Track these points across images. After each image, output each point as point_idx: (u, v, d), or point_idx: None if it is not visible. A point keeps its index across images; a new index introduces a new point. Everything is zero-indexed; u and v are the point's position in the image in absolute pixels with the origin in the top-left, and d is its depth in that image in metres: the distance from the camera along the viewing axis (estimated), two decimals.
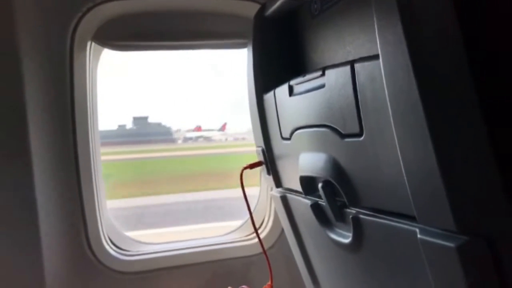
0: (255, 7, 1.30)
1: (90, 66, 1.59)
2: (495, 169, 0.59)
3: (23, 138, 1.41)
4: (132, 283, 1.65)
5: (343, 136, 0.84)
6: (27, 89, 1.40)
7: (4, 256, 1.43)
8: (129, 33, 1.59)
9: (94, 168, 1.60)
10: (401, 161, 0.68)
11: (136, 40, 1.61)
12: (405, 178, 0.68)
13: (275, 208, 1.72)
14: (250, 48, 1.25)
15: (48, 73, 1.47)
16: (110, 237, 1.69)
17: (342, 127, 0.84)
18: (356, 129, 0.79)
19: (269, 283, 1.12)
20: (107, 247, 1.64)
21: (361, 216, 0.88)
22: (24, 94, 1.39)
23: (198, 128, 7.31)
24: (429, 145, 0.60)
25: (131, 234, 1.81)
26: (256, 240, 1.73)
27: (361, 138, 0.78)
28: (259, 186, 1.89)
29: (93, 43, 1.58)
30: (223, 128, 7.32)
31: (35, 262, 1.46)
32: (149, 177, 7.26)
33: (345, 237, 0.97)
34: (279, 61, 1.22)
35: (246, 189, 1.28)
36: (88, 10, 1.46)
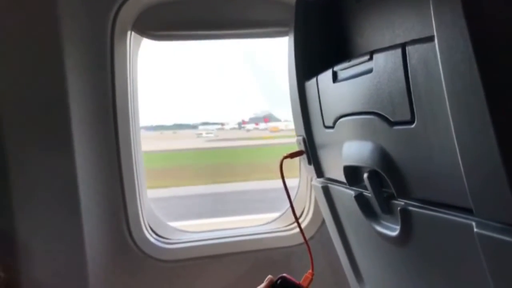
0: None
1: (131, 55, 1.59)
2: None
3: (65, 127, 1.43)
4: (172, 271, 1.66)
5: (392, 123, 0.80)
6: (69, 78, 1.42)
7: (47, 244, 1.47)
8: (167, 23, 1.58)
9: (135, 157, 1.61)
10: (457, 150, 0.63)
11: (174, 30, 1.60)
12: (461, 167, 0.64)
13: (315, 198, 1.69)
14: (292, 34, 1.22)
15: (90, 62, 1.49)
16: (151, 226, 1.70)
17: (391, 114, 0.80)
18: (407, 116, 0.75)
19: (310, 271, 1.10)
20: (147, 235, 1.65)
21: (411, 208, 0.83)
22: (66, 83, 1.41)
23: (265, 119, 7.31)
24: (490, 131, 0.56)
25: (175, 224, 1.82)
26: (297, 230, 1.71)
27: (413, 126, 0.74)
28: (298, 177, 1.86)
29: (133, 33, 1.58)
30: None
31: (77, 250, 1.49)
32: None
33: (392, 230, 0.93)
34: (321, 47, 1.19)
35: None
36: None
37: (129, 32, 1.56)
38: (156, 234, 1.70)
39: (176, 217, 2.60)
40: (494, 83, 0.56)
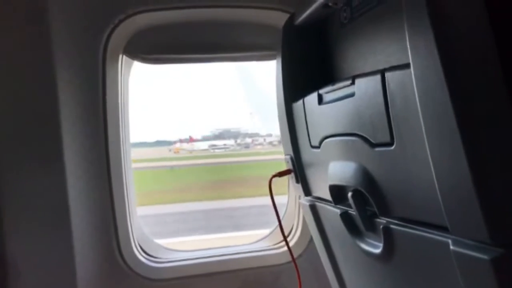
0: (284, 16, 1.31)
1: (122, 78, 1.62)
2: None
3: (57, 146, 1.45)
4: None
5: (373, 145, 0.84)
6: (61, 100, 1.44)
7: (37, 261, 1.47)
8: (158, 46, 1.62)
9: (125, 176, 1.63)
10: (433, 171, 0.67)
11: (165, 53, 1.64)
12: (437, 188, 0.67)
13: (303, 217, 1.71)
14: (279, 57, 1.26)
15: (82, 85, 1.52)
16: (141, 244, 1.71)
17: (372, 136, 0.83)
18: (386, 138, 0.78)
19: None
20: (137, 254, 1.66)
21: (392, 226, 0.87)
22: (58, 104, 1.44)
23: None
24: (462, 155, 0.60)
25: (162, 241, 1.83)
26: (285, 248, 1.72)
27: (392, 147, 0.78)
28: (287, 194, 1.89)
29: (124, 56, 1.62)
30: None
31: (67, 268, 1.50)
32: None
33: (375, 247, 0.95)
34: (308, 70, 1.23)
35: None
36: (120, 22, 1.50)
37: (120, 56, 1.60)
38: (146, 253, 1.71)
39: None
40: (466, 110, 0.60)
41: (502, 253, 0.61)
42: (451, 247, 0.69)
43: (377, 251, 0.94)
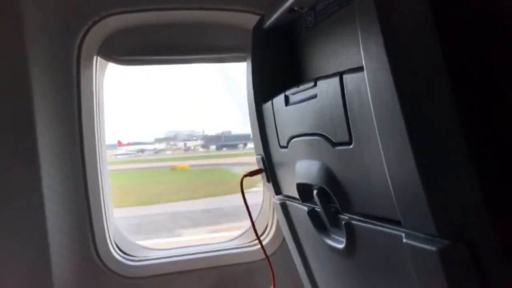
0: (255, 18, 1.34)
1: (97, 80, 1.64)
2: (474, 175, 0.61)
3: (31, 147, 1.45)
4: (138, 287, 1.69)
5: (334, 144, 0.87)
6: (36, 101, 1.45)
7: (12, 261, 1.47)
8: (132, 48, 1.64)
9: (101, 176, 1.64)
10: (385, 169, 0.70)
11: (139, 55, 1.66)
12: (390, 185, 0.71)
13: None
14: (249, 58, 1.29)
15: (56, 86, 1.53)
16: (117, 243, 1.72)
17: (333, 136, 0.87)
18: (345, 138, 0.82)
19: (272, 286, 1.15)
20: (113, 252, 1.68)
21: (353, 222, 0.90)
22: (32, 105, 1.44)
23: None
24: (409, 153, 0.63)
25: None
26: (260, 246, 1.76)
27: (351, 146, 0.81)
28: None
29: (98, 57, 1.63)
30: None
31: (43, 267, 1.50)
32: None
33: (339, 243, 0.99)
34: (277, 71, 1.26)
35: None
36: (94, 24, 1.51)
37: (95, 57, 1.61)
38: (122, 252, 1.72)
39: None
40: (413, 112, 0.63)
41: (448, 244, 0.64)
42: (404, 240, 0.72)
43: (341, 246, 0.98)
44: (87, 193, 1.61)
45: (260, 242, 1.27)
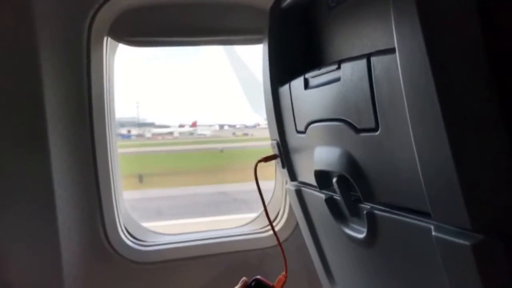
0: None
1: (107, 61, 1.60)
2: None
3: (41, 130, 1.43)
4: (148, 273, 1.67)
5: (358, 130, 0.83)
6: (45, 82, 1.42)
7: (22, 245, 1.46)
8: (143, 29, 1.60)
9: (111, 159, 1.62)
10: (416, 157, 0.66)
11: (150, 36, 1.62)
12: (420, 174, 0.67)
13: (290, 201, 1.72)
14: (266, 40, 1.24)
15: (66, 67, 1.49)
16: (127, 228, 1.71)
17: (357, 122, 0.83)
18: (371, 124, 0.78)
19: (284, 273, 1.12)
20: (123, 237, 1.66)
21: (376, 211, 0.87)
22: (42, 87, 1.41)
23: None
24: (444, 141, 0.59)
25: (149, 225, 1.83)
26: (271, 232, 1.73)
27: (377, 133, 0.77)
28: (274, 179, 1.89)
29: (109, 38, 1.59)
30: None
31: (53, 251, 1.49)
32: None
33: (359, 232, 0.96)
34: (294, 53, 1.21)
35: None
36: (104, 2, 1.47)
37: (105, 38, 1.57)
38: (132, 237, 1.71)
39: None
40: (449, 96, 0.59)
41: (482, 239, 0.61)
42: (433, 233, 0.69)
43: (361, 236, 0.95)
44: (97, 177, 1.59)
45: (273, 228, 1.24)
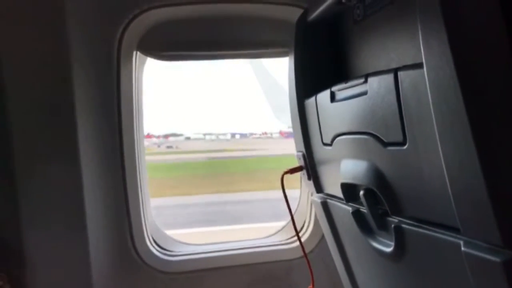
0: (298, 12, 1.30)
1: (136, 74, 1.64)
2: None
3: (72, 141, 1.46)
4: (174, 283, 1.69)
5: (385, 144, 0.83)
6: (77, 95, 1.45)
7: (53, 254, 1.49)
8: (171, 43, 1.63)
9: (139, 169, 1.65)
10: (445, 172, 0.66)
11: (178, 50, 1.64)
12: (449, 189, 0.67)
13: (315, 212, 1.71)
14: (292, 53, 1.26)
15: (97, 81, 1.53)
16: (154, 238, 1.73)
17: (385, 135, 0.83)
18: (399, 138, 0.78)
19: (311, 286, 1.12)
20: (150, 247, 1.68)
21: (404, 225, 0.86)
22: (74, 99, 1.45)
23: None
24: (474, 156, 0.59)
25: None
26: (297, 244, 1.73)
27: (405, 147, 0.77)
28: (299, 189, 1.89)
29: (138, 53, 1.63)
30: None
31: (82, 261, 1.52)
32: None
33: (386, 246, 0.95)
34: (320, 66, 1.22)
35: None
36: (134, 17, 1.50)
37: (134, 52, 1.61)
38: (159, 246, 1.73)
39: None
40: (479, 111, 0.59)
41: None
42: (463, 248, 0.68)
43: (388, 250, 0.94)
44: (125, 187, 1.62)
45: (300, 239, 1.25)
